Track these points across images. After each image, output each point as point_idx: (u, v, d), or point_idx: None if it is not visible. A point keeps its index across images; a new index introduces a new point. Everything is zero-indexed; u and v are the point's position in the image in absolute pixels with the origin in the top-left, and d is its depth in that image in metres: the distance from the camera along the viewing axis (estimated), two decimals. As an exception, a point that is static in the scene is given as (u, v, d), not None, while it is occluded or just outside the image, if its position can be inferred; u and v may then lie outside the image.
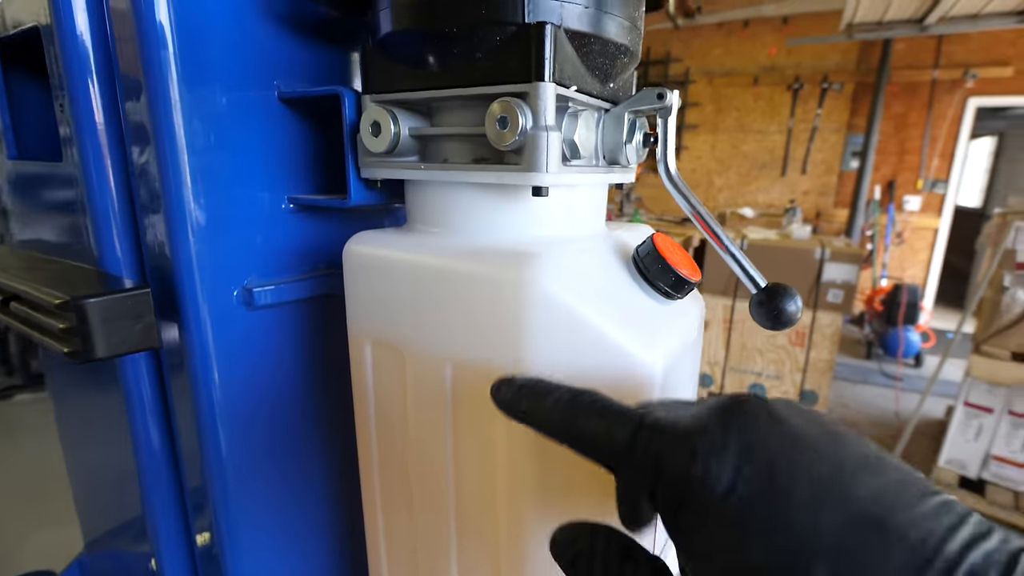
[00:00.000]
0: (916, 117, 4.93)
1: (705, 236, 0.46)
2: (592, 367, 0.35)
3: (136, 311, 0.39)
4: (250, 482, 0.50)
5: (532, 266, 0.35)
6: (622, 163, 0.46)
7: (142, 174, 0.43)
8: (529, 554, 0.40)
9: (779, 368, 2.93)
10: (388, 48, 0.41)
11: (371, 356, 0.44)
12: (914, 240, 5.00)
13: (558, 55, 0.35)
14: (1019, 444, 2.29)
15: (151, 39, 0.39)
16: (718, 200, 5.77)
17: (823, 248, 2.80)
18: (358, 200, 0.45)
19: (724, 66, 5.50)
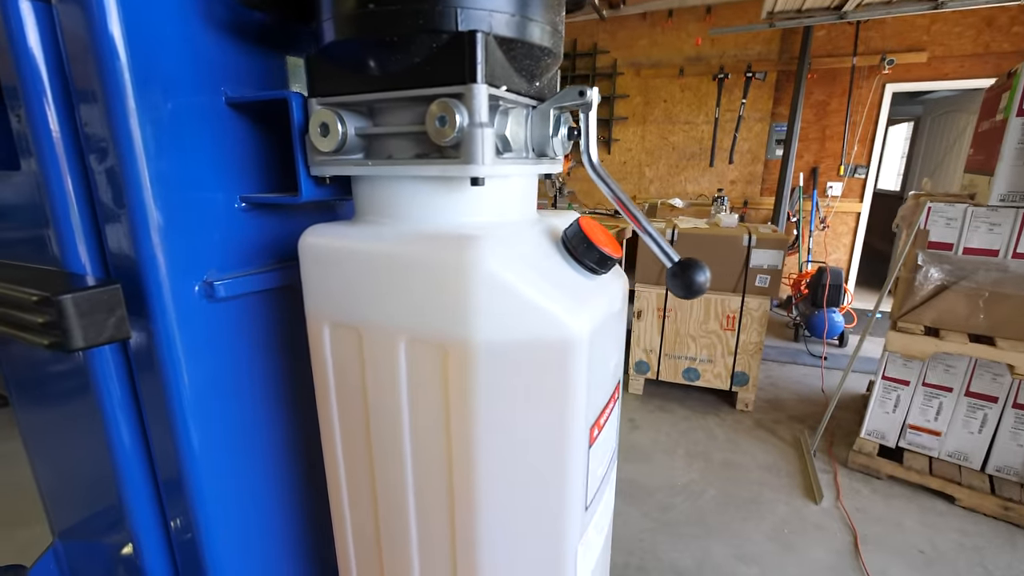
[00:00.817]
0: (837, 104, 5.30)
1: (626, 219, 0.55)
2: (528, 334, 0.43)
3: (109, 305, 0.43)
4: (220, 465, 0.55)
5: (473, 248, 0.42)
6: (550, 155, 0.55)
7: (101, 178, 0.47)
8: (480, 511, 0.48)
9: (711, 352, 3.13)
10: (332, 55, 0.47)
11: (329, 339, 0.51)
12: (837, 224, 5.40)
13: (489, 59, 0.43)
14: (933, 413, 2.55)
15: (105, 51, 0.44)
16: (649, 191, 6.02)
17: (750, 235, 3.00)
18: (309, 196, 0.52)
19: (650, 57, 5.74)
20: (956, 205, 2.38)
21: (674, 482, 2.49)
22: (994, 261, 2.31)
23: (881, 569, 1.98)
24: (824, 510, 2.32)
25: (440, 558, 0.51)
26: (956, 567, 1.99)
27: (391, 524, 0.54)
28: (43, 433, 0.74)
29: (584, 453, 0.49)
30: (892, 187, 7.58)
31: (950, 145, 6.04)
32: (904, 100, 6.26)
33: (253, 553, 0.62)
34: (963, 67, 4.76)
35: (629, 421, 3.10)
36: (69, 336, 0.42)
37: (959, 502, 2.34)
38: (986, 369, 2.39)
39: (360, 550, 0.59)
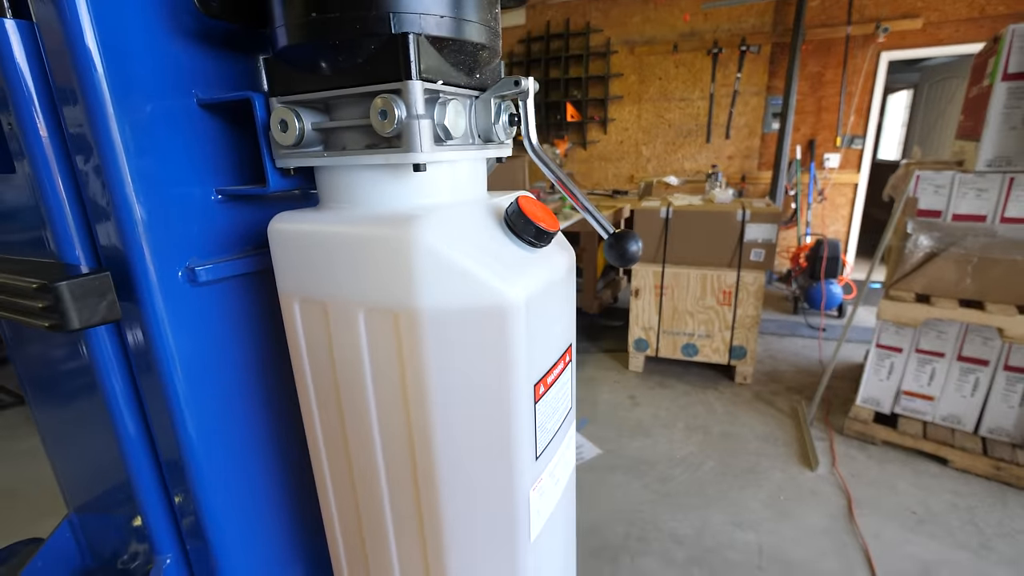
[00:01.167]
0: (832, 75, 5.28)
1: (564, 194, 0.60)
2: (468, 301, 0.49)
3: (100, 290, 0.49)
4: (213, 437, 0.62)
5: (414, 226, 0.48)
6: (495, 140, 0.60)
7: (88, 177, 0.53)
8: (439, 461, 0.54)
9: (709, 328, 3.18)
10: (286, 58, 0.53)
11: (300, 314, 0.57)
12: (835, 196, 5.41)
13: (423, 57, 0.48)
14: (926, 378, 2.60)
15: (83, 62, 0.50)
16: (647, 170, 6.03)
17: (744, 210, 3.04)
18: (276, 187, 0.57)
19: (644, 34, 5.73)
20: (944, 172, 2.41)
21: (673, 455, 2.56)
22: (982, 227, 2.34)
23: (874, 530, 2.04)
24: (820, 476, 2.38)
25: (407, 505, 0.58)
26: (948, 526, 2.05)
27: (364, 480, 0.61)
28: (55, 422, 0.81)
29: (530, 408, 0.55)
30: (894, 156, 7.55)
31: (943, 112, 6.01)
32: (902, 68, 6.22)
33: (248, 514, 0.69)
34: (959, 32, 4.73)
35: (630, 398, 3.17)
36: (66, 318, 0.48)
37: (952, 464, 2.39)
38: (977, 333, 2.44)
39: (340, 504, 0.65)
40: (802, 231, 5.30)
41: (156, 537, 0.69)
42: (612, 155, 6.15)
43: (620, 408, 3.05)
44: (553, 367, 0.59)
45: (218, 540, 0.66)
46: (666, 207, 3.17)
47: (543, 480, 0.60)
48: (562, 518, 0.69)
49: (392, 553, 0.62)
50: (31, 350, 0.77)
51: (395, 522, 0.60)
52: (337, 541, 0.68)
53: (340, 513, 0.66)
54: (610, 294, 4.39)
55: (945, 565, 1.85)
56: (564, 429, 0.65)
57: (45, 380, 0.77)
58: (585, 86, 6.01)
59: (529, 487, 0.57)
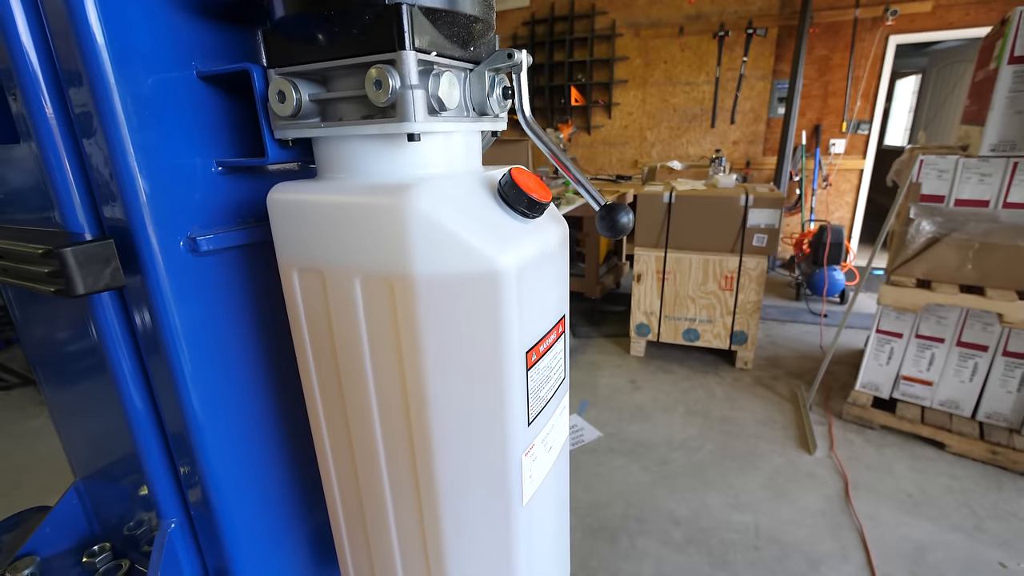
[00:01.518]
0: (840, 59, 5.24)
1: (557, 166, 0.61)
2: (461, 268, 0.50)
3: (104, 256, 0.51)
4: (216, 407, 0.64)
5: (409, 195, 0.49)
6: (490, 113, 0.61)
7: (92, 149, 0.55)
8: (433, 425, 0.56)
9: (711, 313, 3.20)
10: (283, 29, 0.54)
11: (299, 283, 0.58)
12: (840, 182, 5.39)
13: (416, 28, 0.49)
14: (925, 364, 2.61)
15: (85, 34, 0.51)
16: (651, 155, 6.01)
17: (747, 195, 3.03)
18: (275, 158, 0.59)
19: (649, 17, 5.69)
20: (947, 157, 2.40)
21: (673, 438, 2.59)
22: (984, 212, 2.34)
23: (870, 512, 2.07)
24: (817, 460, 2.40)
25: (403, 470, 0.60)
26: (944, 508, 2.08)
27: (362, 446, 0.63)
28: (63, 394, 0.83)
29: (522, 374, 0.56)
30: (900, 142, 7.50)
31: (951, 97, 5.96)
32: (910, 52, 6.16)
33: (251, 481, 0.71)
34: (969, 15, 4.68)
35: (631, 383, 3.19)
36: (72, 283, 0.50)
37: (949, 448, 2.41)
38: (977, 319, 2.44)
39: (339, 470, 0.67)
40: (806, 217, 5.29)
41: (161, 504, 0.71)
42: (616, 140, 6.13)
43: (621, 392, 3.08)
44: (546, 336, 0.61)
45: (222, 506, 0.69)
46: (669, 192, 3.17)
47: (535, 446, 0.62)
48: (555, 485, 0.71)
49: (390, 516, 0.64)
50: (40, 325, 0.79)
51: (392, 487, 0.62)
52: (336, 506, 0.70)
53: (339, 479, 0.68)
54: (612, 279, 4.40)
55: (939, 546, 1.88)
56: (557, 398, 0.67)
57: (53, 353, 0.79)
58: (590, 70, 5.98)
59: (522, 452, 0.59)
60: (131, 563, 0.80)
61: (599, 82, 6.01)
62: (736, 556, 1.83)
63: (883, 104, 5.26)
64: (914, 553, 1.85)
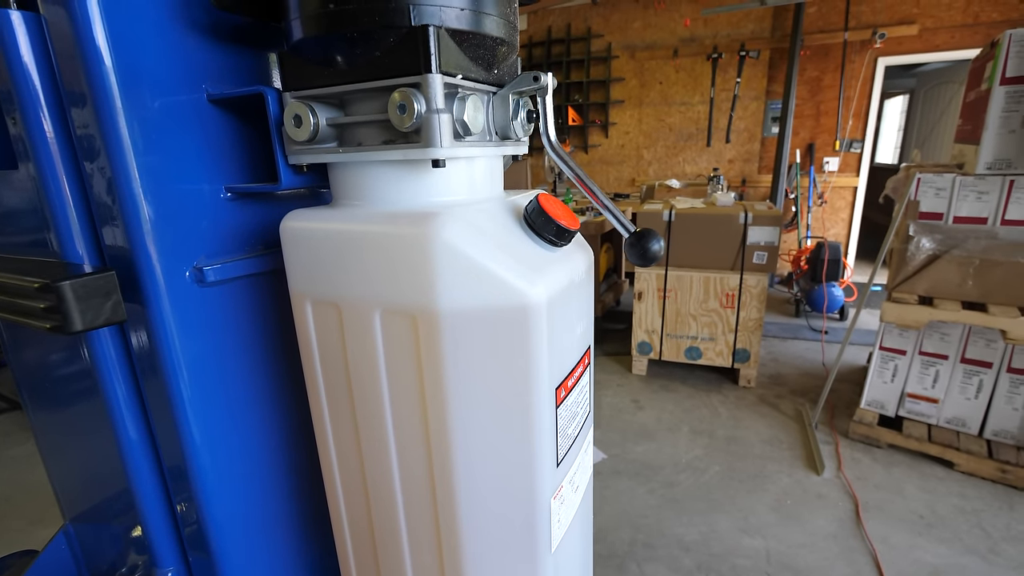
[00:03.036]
0: (831, 80, 5.28)
1: (584, 193, 0.58)
2: (489, 301, 0.47)
3: (105, 290, 0.47)
4: (219, 442, 0.59)
5: (433, 224, 0.46)
6: (513, 137, 0.58)
7: (94, 174, 0.51)
8: (457, 469, 0.52)
9: (712, 331, 3.16)
10: (301, 51, 0.51)
11: (312, 314, 0.55)
12: (834, 199, 5.40)
13: (442, 50, 0.46)
14: (930, 381, 2.58)
15: (92, 56, 0.48)
16: (648, 173, 6.02)
17: (746, 213, 3.02)
18: (288, 184, 0.55)
19: (644, 39, 5.73)
20: (944, 175, 2.39)
21: (679, 459, 2.54)
22: (983, 229, 2.32)
23: (882, 535, 2.02)
24: (826, 480, 2.35)
25: (423, 515, 0.55)
26: (956, 530, 2.03)
27: (377, 488, 0.58)
28: (53, 429, 0.78)
29: (552, 412, 0.52)
30: (890, 160, 7.55)
31: (940, 116, 6.01)
32: (898, 73, 6.22)
33: (254, 524, 0.67)
34: (954, 38, 4.74)
35: (633, 402, 3.14)
36: (69, 320, 0.46)
37: (958, 467, 2.37)
38: (980, 335, 2.41)
39: (351, 512, 0.63)
40: (802, 234, 5.28)
41: (157, 548, 0.67)
42: (613, 159, 6.14)
43: (624, 412, 3.03)
44: (573, 370, 0.57)
45: (222, 551, 0.64)
46: (668, 210, 3.15)
47: (564, 488, 0.58)
48: (580, 526, 0.67)
49: (406, 565, 0.60)
50: (30, 352, 0.74)
51: (410, 532, 0.58)
52: (347, 550, 0.66)
53: (351, 521, 0.64)
54: (612, 297, 4.37)
55: (954, 570, 1.83)
56: (583, 434, 0.63)
57: (43, 384, 0.75)
58: (586, 90, 6.00)
59: (550, 495, 0.55)
60: (129, 610, 0.75)
61: (596, 102, 6.04)
62: (748, 582, 1.78)
63: (874, 123, 5.30)
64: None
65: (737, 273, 3.05)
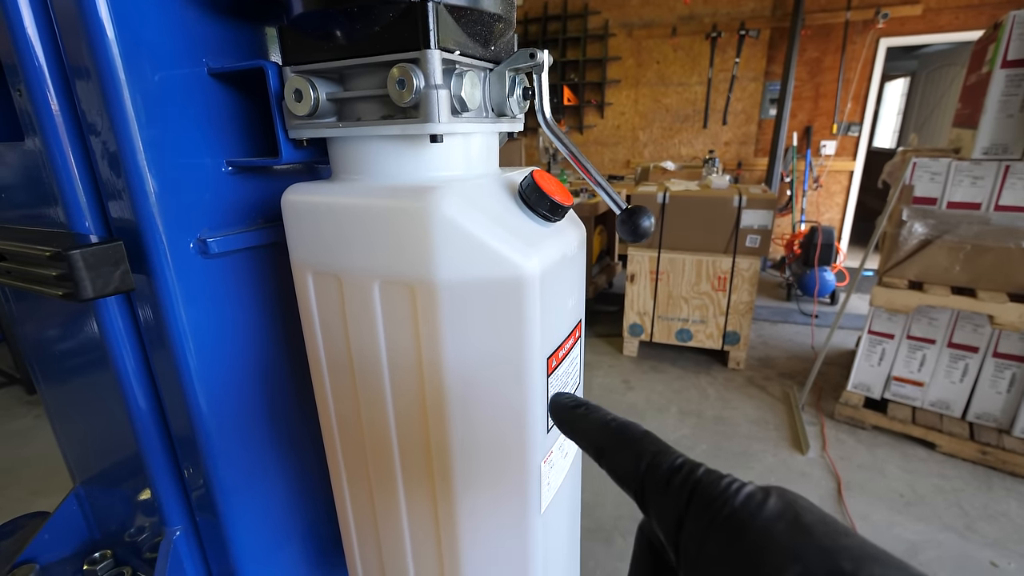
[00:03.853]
0: (831, 61, 5.28)
1: (578, 170, 0.60)
2: (485, 273, 0.49)
3: (113, 259, 0.49)
4: (223, 408, 0.62)
5: (432, 198, 0.48)
6: (508, 114, 0.60)
7: (99, 147, 0.53)
8: (453, 432, 0.54)
9: (703, 313, 3.20)
10: (301, 25, 0.52)
11: (313, 286, 0.57)
12: (830, 184, 5.43)
13: (440, 26, 0.47)
14: (917, 364, 2.63)
15: (95, 28, 0.49)
16: (643, 155, 6.02)
17: (740, 196, 3.04)
18: (289, 158, 0.57)
19: (642, 17, 5.69)
20: (940, 160, 2.42)
21: (667, 438, 2.58)
22: (976, 214, 2.36)
23: (863, 512, 2.08)
24: (810, 460, 2.42)
25: (419, 477, 0.58)
26: (935, 508, 2.09)
27: (376, 452, 0.61)
28: (62, 395, 0.81)
29: (543, 380, 0.55)
30: (889, 144, 7.56)
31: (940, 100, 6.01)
32: (899, 55, 6.20)
33: (258, 486, 0.70)
34: (958, 19, 4.73)
35: (624, 382, 3.19)
36: (80, 287, 0.48)
37: (940, 448, 2.43)
38: (968, 320, 2.47)
39: (351, 475, 0.66)
40: (797, 218, 5.33)
41: (166, 510, 0.70)
42: (609, 140, 6.13)
43: (614, 392, 3.08)
44: (565, 341, 0.59)
45: (228, 512, 0.67)
46: (663, 192, 3.17)
47: (553, 453, 0.61)
48: (568, 492, 0.70)
49: (404, 525, 0.63)
50: (39, 323, 0.76)
51: (407, 495, 0.61)
52: (347, 511, 0.69)
53: (351, 484, 0.67)
54: (605, 279, 4.40)
55: (931, 545, 1.89)
56: (572, 404, 0.66)
57: (51, 354, 0.77)
58: (582, 69, 5.98)
59: (541, 459, 0.58)
60: (133, 570, 0.78)
61: (592, 82, 6.01)
62: (732, 556, 1.84)
63: (873, 106, 5.30)
64: (906, 553, 1.86)
65: (730, 256, 3.08)
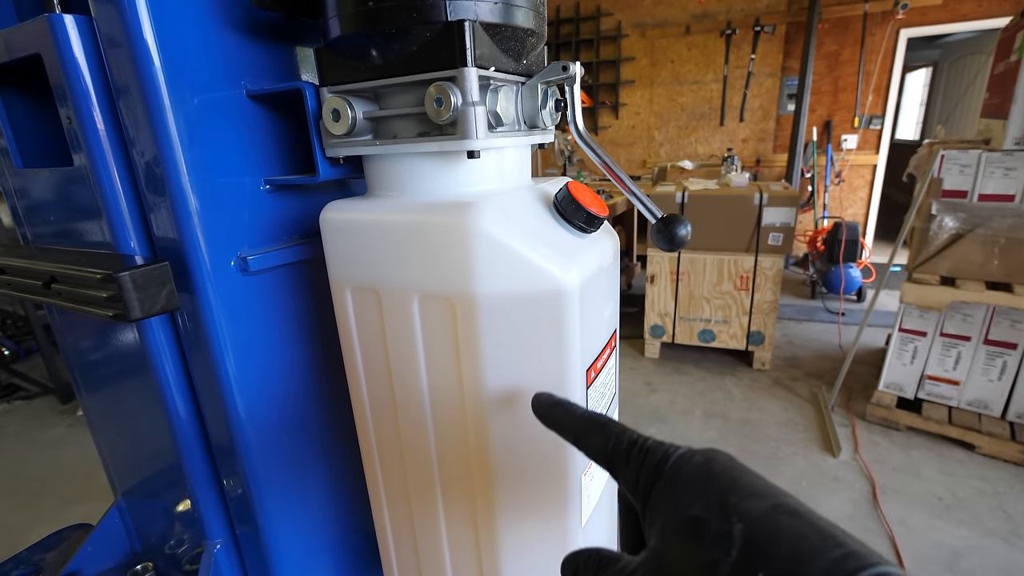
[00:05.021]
0: (849, 54, 5.23)
1: (612, 181, 0.61)
2: (525, 286, 0.50)
3: (160, 280, 0.51)
4: (262, 419, 0.64)
5: (472, 213, 0.49)
6: (540, 126, 0.61)
7: (144, 168, 0.55)
8: (494, 446, 0.55)
9: (726, 313, 3.19)
10: (339, 48, 0.54)
11: (352, 301, 0.58)
12: (853, 178, 5.37)
13: (477, 44, 0.49)
14: (951, 363, 2.60)
15: (142, 55, 0.51)
16: (660, 154, 6.01)
17: (761, 193, 3.03)
18: (326, 176, 0.59)
19: (655, 17, 5.69)
20: (970, 152, 2.38)
21: (692, 442, 2.57)
22: (1010, 207, 2.32)
23: (900, 517, 2.05)
24: (842, 462, 2.39)
25: (460, 490, 0.59)
26: (976, 512, 2.06)
27: (416, 466, 0.62)
28: (104, 408, 0.83)
29: (583, 393, 0.56)
30: (912, 136, 7.47)
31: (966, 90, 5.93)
32: (920, 45, 6.13)
33: (297, 498, 0.71)
34: (981, 6, 4.66)
35: (646, 385, 3.18)
36: (129, 308, 0.49)
37: (979, 450, 2.39)
38: (1004, 316, 2.43)
39: (389, 490, 0.67)
40: (819, 214, 5.28)
41: (206, 521, 0.71)
42: (624, 140, 6.13)
43: (637, 395, 3.07)
44: (602, 352, 0.60)
45: (267, 523, 0.68)
46: (681, 192, 3.17)
47: (592, 465, 0.62)
48: (607, 504, 0.71)
49: (443, 538, 0.64)
50: (82, 337, 0.79)
51: (446, 508, 0.62)
52: (385, 524, 0.70)
53: (389, 497, 0.68)
54: (624, 280, 4.39)
55: (974, 552, 1.86)
56: (610, 414, 0.66)
57: (95, 367, 0.79)
58: (596, 71, 5.99)
59: (582, 471, 0.58)
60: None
61: (606, 83, 6.02)
62: (766, 563, 1.82)
63: (895, 98, 5.24)
64: (948, 559, 1.83)
65: (752, 255, 3.07)
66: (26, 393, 3.54)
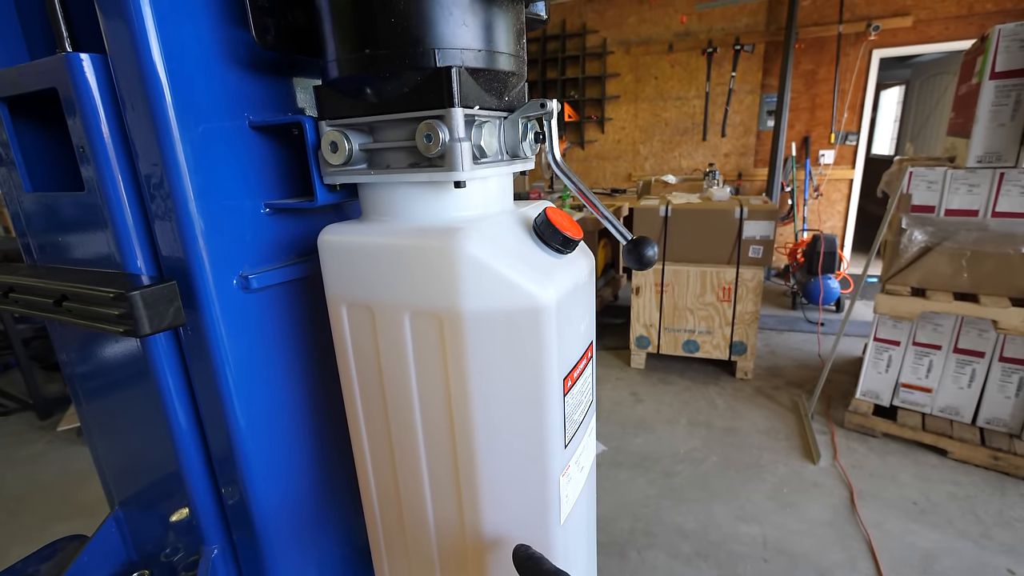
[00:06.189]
0: (825, 72, 5.36)
1: (587, 205, 0.66)
2: (506, 304, 0.55)
3: (168, 298, 0.55)
4: (262, 431, 0.67)
5: (459, 237, 0.53)
6: (521, 156, 0.66)
7: (153, 193, 0.59)
8: (478, 450, 0.59)
9: (709, 324, 3.25)
10: (337, 87, 0.58)
11: (347, 316, 0.62)
12: (830, 192, 5.49)
13: (462, 87, 0.54)
14: (924, 371, 2.67)
15: (154, 91, 0.55)
16: (644, 168, 6.10)
17: (741, 207, 3.10)
18: (323, 201, 0.63)
19: (639, 35, 5.81)
20: (936, 168, 2.47)
21: (677, 450, 2.62)
22: (974, 221, 2.41)
23: (877, 521, 2.11)
24: (822, 469, 2.44)
25: (448, 492, 0.63)
26: (949, 515, 2.12)
27: (406, 471, 0.66)
28: (103, 418, 0.86)
29: (560, 399, 0.60)
30: (887, 151, 7.63)
31: (935, 107, 6.09)
32: (893, 64, 6.30)
33: (293, 506, 0.75)
34: (948, 29, 4.82)
35: (632, 395, 3.23)
36: (139, 324, 0.53)
37: (951, 455, 2.46)
38: (972, 326, 2.50)
39: (381, 496, 0.71)
40: (799, 227, 5.38)
41: (204, 527, 0.75)
42: (610, 154, 6.22)
43: (623, 405, 3.11)
44: (578, 362, 0.65)
45: (264, 529, 0.72)
46: (665, 205, 3.23)
47: (571, 467, 0.66)
48: (585, 503, 0.75)
49: (432, 541, 0.68)
50: (83, 350, 0.82)
51: (435, 510, 0.66)
52: (378, 532, 0.74)
53: (381, 505, 0.72)
54: (610, 292, 4.45)
55: (947, 554, 1.92)
56: (587, 420, 0.71)
57: (96, 380, 0.82)
58: (582, 86, 6.08)
59: (559, 473, 0.63)
60: (173, 589, 0.83)
61: (591, 98, 6.12)
62: (746, 568, 1.86)
63: (869, 115, 5.38)
64: (922, 561, 1.89)
65: (733, 267, 3.13)
66: (4, 409, 3.41)
